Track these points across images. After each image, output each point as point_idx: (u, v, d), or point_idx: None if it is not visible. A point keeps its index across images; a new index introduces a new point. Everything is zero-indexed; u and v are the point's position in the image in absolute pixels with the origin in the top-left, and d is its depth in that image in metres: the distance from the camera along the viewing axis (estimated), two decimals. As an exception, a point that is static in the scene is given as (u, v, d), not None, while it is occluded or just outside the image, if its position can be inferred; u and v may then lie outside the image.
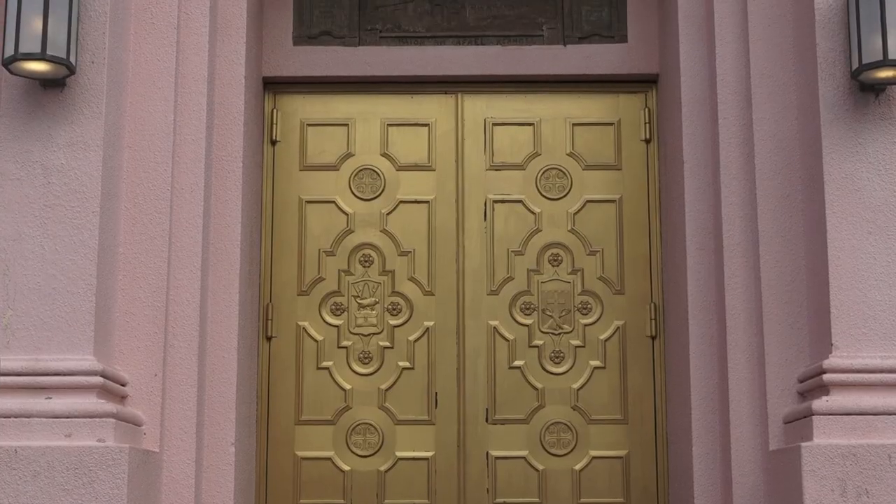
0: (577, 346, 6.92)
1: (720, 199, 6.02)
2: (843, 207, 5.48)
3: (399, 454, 6.85)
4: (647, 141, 7.05)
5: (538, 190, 7.04)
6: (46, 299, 5.41)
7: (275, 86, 7.08)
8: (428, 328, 6.94)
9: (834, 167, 5.50)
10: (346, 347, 6.93)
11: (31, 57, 5.34)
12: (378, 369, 6.92)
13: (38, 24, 5.34)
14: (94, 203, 5.48)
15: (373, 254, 6.99)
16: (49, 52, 5.35)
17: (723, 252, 5.98)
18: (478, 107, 7.12)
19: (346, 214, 7.03)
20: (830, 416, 5.30)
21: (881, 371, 5.36)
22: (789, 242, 5.83)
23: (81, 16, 5.57)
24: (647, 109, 7.06)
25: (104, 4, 5.62)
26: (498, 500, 6.80)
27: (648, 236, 6.98)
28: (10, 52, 5.36)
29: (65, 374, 5.33)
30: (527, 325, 6.94)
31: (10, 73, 5.44)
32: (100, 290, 5.48)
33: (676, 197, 6.47)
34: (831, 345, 5.41)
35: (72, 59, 5.44)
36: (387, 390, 6.90)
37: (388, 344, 6.93)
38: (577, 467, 6.84)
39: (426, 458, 6.84)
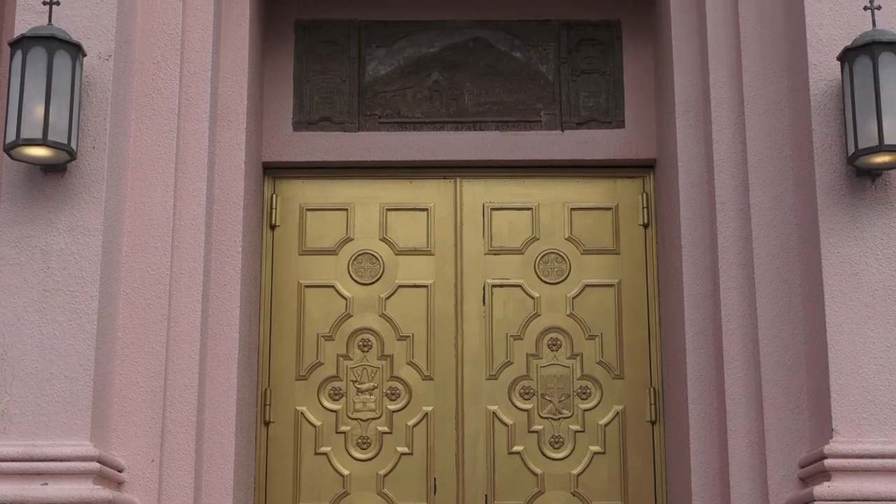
0: (576, 431, 6.88)
1: (719, 283, 6.02)
2: (841, 292, 5.48)
3: (397, 541, 6.81)
4: (646, 225, 7.07)
5: (537, 274, 7.04)
6: (44, 384, 5.39)
7: (275, 171, 7.12)
8: (427, 413, 6.90)
9: (832, 252, 5.51)
10: (344, 432, 6.89)
11: (32, 143, 5.38)
12: (377, 454, 6.87)
13: (41, 111, 5.38)
14: (93, 288, 5.49)
15: (371, 338, 6.98)
16: (50, 137, 5.38)
17: (722, 336, 5.96)
18: (476, 192, 7.16)
19: (345, 299, 7.03)
20: (832, 503, 5.26)
21: (883, 456, 5.33)
22: (788, 327, 5.82)
23: (83, 102, 5.62)
24: (644, 194, 7.09)
25: (105, 91, 5.66)
26: (497, 588, 6.73)
27: (647, 320, 6.97)
28: (11, 137, 5.39)
29: (61, 460, 5.29)
30: (526, 410, 6.90)
31: (12, 158, 5.47)
32: (97, 376, 5.47)
33: (675, 281, 6.47)
34: (832, 430, 5.38)
35: (73, 145, 5.47)
36: (385, 476, 6.85)
37: (386, 429, 6.89)
38: (578, 554, 6.79)
39: (425, 545, 6.79)
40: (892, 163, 5.45)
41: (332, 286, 7.05)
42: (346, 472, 6.85)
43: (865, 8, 5.66)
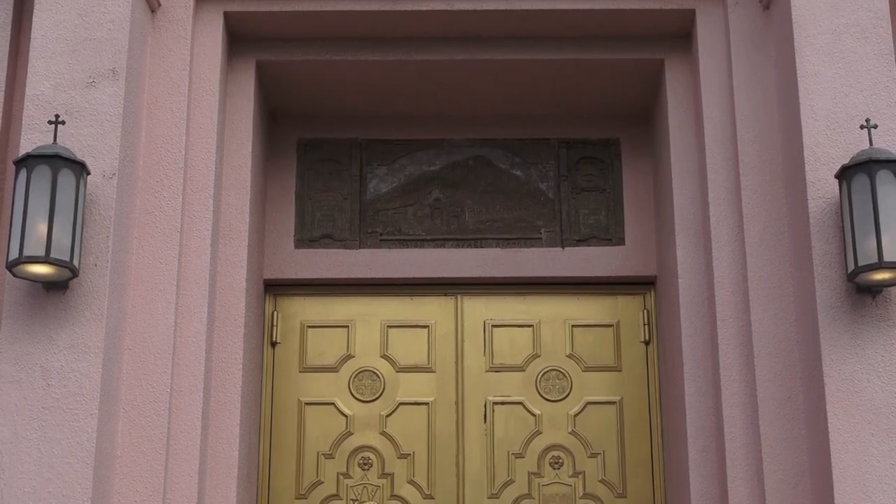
0: (579, 551, 6.81)
1: (721, 400, 5.99)
2: (844, 409, 5.46)
3: None
4: (647, 342, 7.06)
5: (538, 392, 7.02)
6: (41, 504, 5.35)
7: (276, 288, 7.13)
8: (427, 533, 6.84)
9: (833, 369, 5.50)
10: (344, 553, 6.82)
11: (34, 260, 5.39)
12: (377, 575, 6.80)
13: (44, 228, 5.41)
14: (92, 406, 5.46)
15: (372, 456, 6.93)
16: (53, 255, 5.40)
17: (725, 455, 5.92)
18: (477, 309, 7.16)
19: (346, 416, 6.99)
20: None
21: (890, 577, 5.27)
22: (792, 445, 5.78)
23: (86, 219, 5.65)
24: (645, 311, 7.10)
25: (109, 208, 5.70)
26: None
27: (650, 438, 6.93)
28: (14, 255, 5.42)
29: (57, 581, 5.23)
30: (528, 530, 6.84)
31: (14, 275, 5.49)
32: (95, 495, 5.41)
33: (677, 399, 6.45)
34: (838, 550, 5.33)
35: (75, 262, 5.49)
36: None
37: (386, 549, 6.83)
38: None
39: None
40: (891, 280, 5.46)
41: (333, 403, 7.02)
42: (345, 593, 6.76)
43: (862, 127, 5.72)
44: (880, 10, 5.96)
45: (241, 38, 6.65)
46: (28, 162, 5.49)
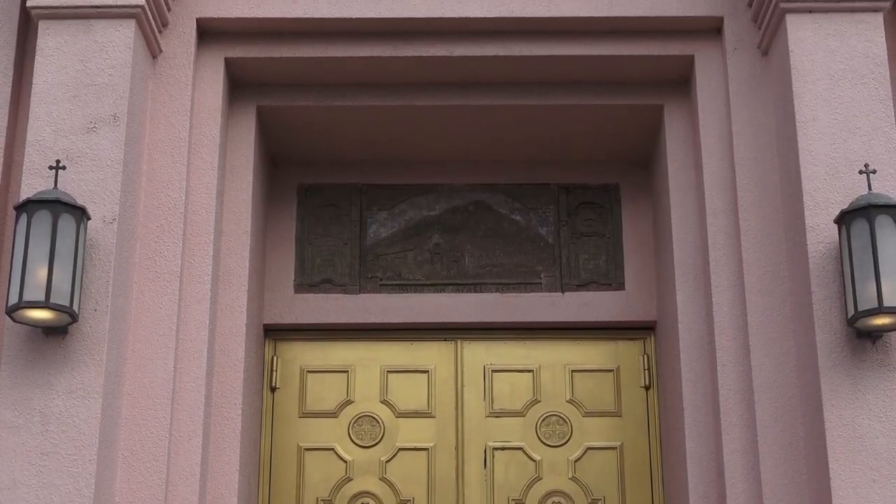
0: None
1: (721, 446, 5.97)
2: (845, 455, 5.44)
3: None
4: (647, 387, 7.04)
5: (538, 437, 6.99)
6: (39, 550, 5.32)
7: (276, 332, 7.13)
8: (427, 579, 6.80)
9: (834, 415, 5.49)
10: None
11: (34, 305, 5.39)
12: None
13: (44, 273, 5.41)
14: (91, 451, 5.44)
15: (372, 502, 6.90)
16: (53, 300, 5.39)
17: (726, 501, 5.89)
18: (477, 353, 7.15)
19: (345, 462, 6.96)
20: None
21: None
22: (794, 490, 5.75)
23: (86, 264, 5.65)
24: (646, 356, 7.09)
25: (109, 253, 5.70)
26: None
27: (651, 484, 6.90)
28: (14, 300, 5.41)
29: None
30: (528, 576, 6.80)
31: (13, 320, 5.48)
32: (93, 541, 5.40)
33: (677, 444, 6.42)
34: None
35: (75, 307, 5.49)
36: None
37: None
38: None
39: None
40: (891, 325, 5.46)
41: (332, 449, 6.99)
42: None
43: (861, 172, 5.74)
44: (878, 57, 5.99)
45: (241, 83, 6.69)
46: (28, 207, 5.50)
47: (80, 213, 5.56)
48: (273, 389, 7.06)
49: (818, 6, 6.04)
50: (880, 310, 5.37)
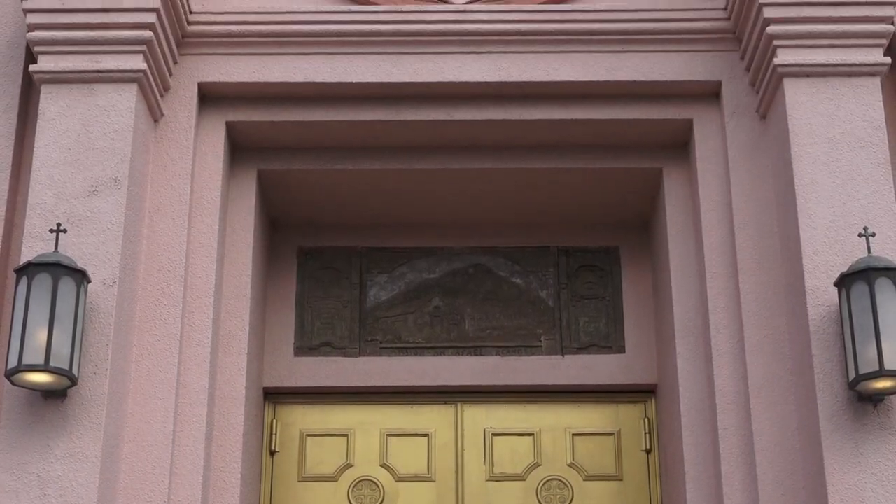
0: None
1: (723, 510, 5.95)
2: (848, 519, 5.42)
3: None
4: (648, 451, 7.01)
5: (539, 501, 6.95)
6: None
7: (275, 396, 7.10)
8: None
9: (836, 479, 5.45)
10: None
11: (34, 368, 5.38)
12: None
13: (43, 336, 5.40)
14: (89, 516, 5.42)
15: (371, 567, 6.86)
16: (52, 363, 5.38)
17: (728, 565, 5.86)
18: (477, 417, 7.12)
19: (345, 526, 6.93)
20: None
21: None
22: (796, 555, 5.73)
23: (86, 327, 5.65)
24: (646, 419, 7.06)
25: (109, 316, 5.70)
26: None
27: (652, 549, 6.86)
28: (13, 363, 5.40)
29: None
30: None
31: (12, 384, 5.47)
32: None
33: (679, 508, 6.39)
34: None
35: (74, 371, 5.47)
36: None
37: None
38: None
39: None
40: (893, 388, 5.45)
41: (332, 513, 6.96)
42: None
43: (860, 235, 5.75)
44: (876, 120, 6.02)
45: (242, 146, 6.71)
46: (29, 270, 5.51)
47: (81, 276, 5.57)
48: (272, 453, 7.02)
49: (816, 71, 6.08)
50: (881, 373, 5.36)
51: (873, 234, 5.74)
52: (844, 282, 5.56)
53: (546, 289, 7.30)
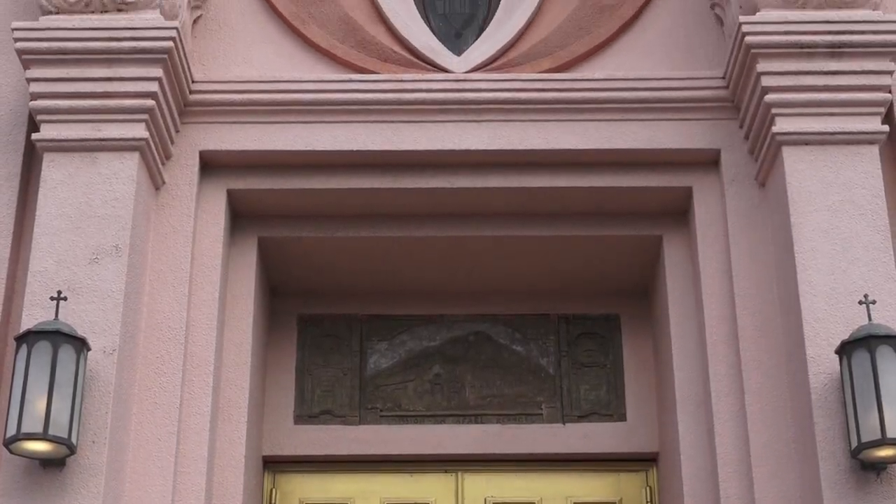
0: None
1: (726, 580, 5.90)
2: (852, 587, 5.38)
3: None
4: (650, 519, 6.98)
5: (540, 571, 6.91)
6: None
7: (275, 464, 7.06)
8: None
9: (840, 548, 5.43)
10: None
11: (32, 437, 5.35)
12: None
13: (42, 405, 5.38)
14: (86, 587, 5.37)
15: None
16: (51, 432, 5.36)
17: None
18: (478, 485, 7.08)
19: None
20: None
21: None
22: None
23: (85, 395, 5.62)
24: (648, 488, 7.02)
25: (108, 385, 5.68)
26: None
27: None
28: (12, 431, 5.38)
29: None
30: None
31: (11, 452, 5.44)
32: None
33: (682, 578, 6.34)
34: None
35: (73, 439, 5.45)
36: None
37: None
38: None
39: None
40: (895, 456, 5.42)
41: (331, 584, 6.91)
42: None
43: (860, 302, 5.75)
44: (875, 188, 6.04)
45: (243, 214, 6.73)
46: (29, 338, 5.50)
47: (81, 345, 5.56)
48: (271, 522, 6.98)
49: (814, 139, 6.11)
50: (884, 441, 5.34)
51: (874, 302, 5.75)
52: (845, 349, 5.55)
53: (547, 356, 7.29)
